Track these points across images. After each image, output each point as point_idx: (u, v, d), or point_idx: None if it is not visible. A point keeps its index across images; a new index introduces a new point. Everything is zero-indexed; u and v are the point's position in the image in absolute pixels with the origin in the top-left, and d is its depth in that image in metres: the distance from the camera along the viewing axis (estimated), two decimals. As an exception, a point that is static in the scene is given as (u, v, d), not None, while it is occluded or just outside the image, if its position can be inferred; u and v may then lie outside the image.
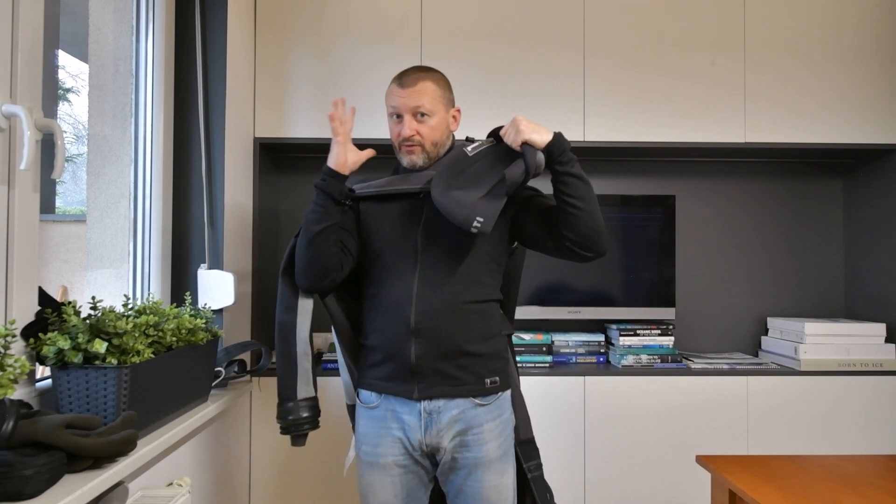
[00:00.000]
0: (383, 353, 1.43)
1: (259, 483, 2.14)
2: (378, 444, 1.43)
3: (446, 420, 1.40)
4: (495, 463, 1.41)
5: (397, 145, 1.49)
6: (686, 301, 2.64)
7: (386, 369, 1.43)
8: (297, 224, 2.56)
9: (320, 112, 2.28)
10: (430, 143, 1.47)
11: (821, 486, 1.43)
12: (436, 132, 1.47)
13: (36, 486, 0.91)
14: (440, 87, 1.49)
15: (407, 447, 1.42)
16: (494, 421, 1.43)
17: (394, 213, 1.48)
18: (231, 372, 1.85)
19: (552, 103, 2.32)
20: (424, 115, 1.45)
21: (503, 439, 1.44)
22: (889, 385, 2.23)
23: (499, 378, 1.45)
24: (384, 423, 1.43)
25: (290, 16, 2.29)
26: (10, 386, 0.97)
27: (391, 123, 1.50)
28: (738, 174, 2.68)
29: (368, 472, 1.44)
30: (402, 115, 1.45)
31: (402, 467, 1.42)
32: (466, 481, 1.40)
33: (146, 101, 1.81)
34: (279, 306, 1.52)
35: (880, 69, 2.37)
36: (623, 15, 2.35)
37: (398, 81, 1.48)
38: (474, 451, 1.40)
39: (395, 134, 1.49)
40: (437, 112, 1.47)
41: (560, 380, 2.18)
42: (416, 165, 1.48)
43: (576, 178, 1.37)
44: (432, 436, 1.40)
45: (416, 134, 1.45)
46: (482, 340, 1.43)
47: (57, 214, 3.12)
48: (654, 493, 2.18)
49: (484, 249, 1.45)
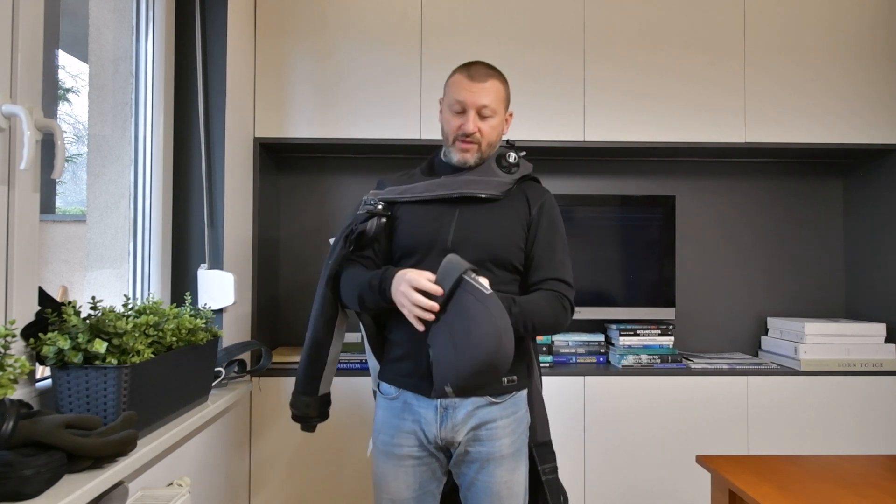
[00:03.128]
0: (404, 350, 1.45)
1: (259, 483, 2.14)
2: (394, 435, 1.45)
3: (462, 416, 1.41)
4: (507, 459, 1.42)
5: (451, 138, 1.47)
6: (686, 301, 2.64)
7: (406, 366, 1.45)
8: (297, 224, 2.58)
9: (320, 112, 2.28)
10: (486, 142, 1.47)
11: (821, 486, 1.42)
12: (494, 132, 1.47)
13: (36, 486, 0.91)
14: (505, 88, 1.49)
15: (422, 440, 1.43)
16: (508, 418, 1.43)
17: (427, 214, 1.48)
18: (231, 372, 1.85)
19: (552, 103, 2.32)
20: (488, 114, 1.44)
21: (516, 436, 1.45)
22: (889, 385, 2.23)
23: (516, 377, 1.46)
24: (401, 416, 1.45)
25: (290, 15, 2.29)
26: (10, 386, 0.97)
27: (449, 115, 1.47)
28: (737, 174, 2.68)
29: (384, 462, 1.46)
30: (468, 110, 1.43)
31: (417, 459, 1.44)
32: (478, 475, 1.41)
33: (146, 101, 1.81)
34: (318, 315, 1.53)
35: (880, 69, 2.37)
36: (623, 15, 2.35)
37: (467, 74, 1.45)
38: (487, 446, 1.41)
39: (453, 126, 1.46)
40: (499, 113, 1.47)
41: (560, 380, 2.18)
42: (468, 163, 1.48)
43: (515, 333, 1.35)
44: (447, 430, 1.42)
45: (477, 131, 1.44)
46: None
47: (57, 214, 3.12)
48: (654, 492, 2.18)
49: (511, 256, 1.46)
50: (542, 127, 2.32)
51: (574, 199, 2.46)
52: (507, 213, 1.48)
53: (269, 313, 2.44)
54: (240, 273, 2.08)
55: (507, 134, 2.29)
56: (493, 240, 1.44)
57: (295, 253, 2.57)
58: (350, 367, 2.20)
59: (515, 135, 2.30)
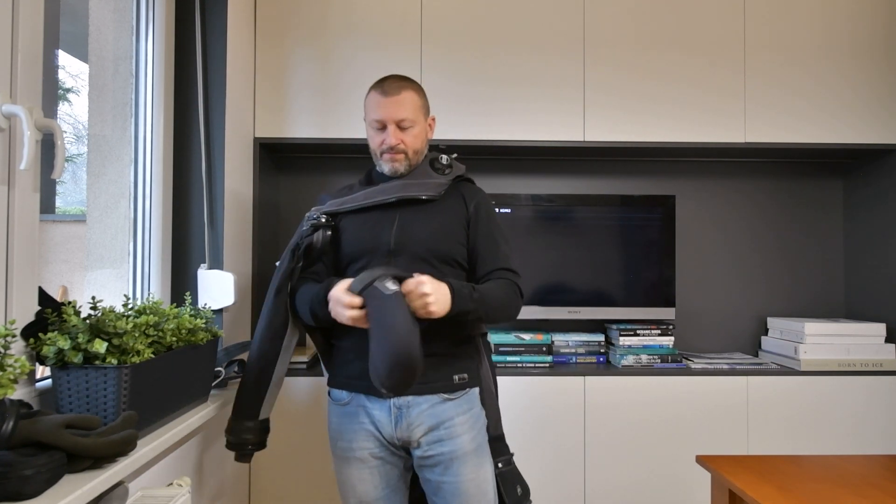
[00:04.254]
0: (354, 353, 1.47)
1: (259, 483, 2.14)
2: (352, 440, 1.46)
3: (416, 414, 1.42)
4: (471, 456, 1.43)
5: (378, 153, 1.53)
6: (686, 301, 2.64)
7: (357, 368, 1.46)
8: (297, 224, 2.58)
9: (320, 112, 2.28)
10: (412, 151, 1.52)
11: (821, 486, 1.43)
12: (417, 140, 1.53)
13: (36, 486, 0.91)
14: (420, 96, 1.55)
15: (380, 439, 1.45)
16: (465, 415, 1.45)
17: (369, 220, 1.52)
18: (231, 372, 1.85)
19: (552, 103, 2.32)
20: (407, 125, 1.50)
21: (476, 432, 1.46)
22: (889, 385, 2.23)
23: (467, 375, 1.48)
24: (356, 419, 1.46)
25: (290, 16, 2.29)
26: (10, 386, 0.97)
27: (371, 132, 1.54)
28: (737, 174, 2.68)
29: (346, 467, 1.47)
30: (387, 125, 1.50)
31: (379, 459, 1.45)
32: (444, 477, 1.42)
33: (146, 101, 1.81)
34: (265, 328, 1.53)
35: (880, 69, 2.37)
36: (623, 15, 2.35)
37: (381, 91, 1.51)
38: (448, 445, 1.41)
39: (377, 142, 1.52)
40: (419, 121, 1.53)
41: (560, 380, 2.17)
42: (399, 172, 1.53)
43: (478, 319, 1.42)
44: (403, 430, 1.43)
45: (401, 143, 1.50)
46: (452, 343, 1.47)
47: (57, 214, 3.12)
48: (654, 492, 2.18)
49: (453, 252, 1.50)
50: (542, 127, 2.32)
51: (574, 199, 2.46)
52: (445, 211, 1.52)
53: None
54: (240, 273, 2.08)
55: (516, 134, 2.30)
56: (435, 237, 1.48)
57: (295, 253, 2.57)
58: (350, 367, 2.20)
59: (516, 135, 2.30)
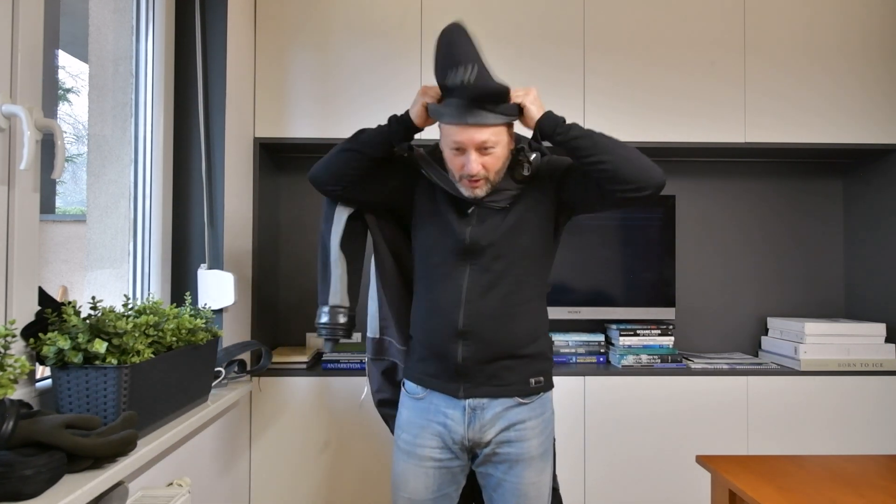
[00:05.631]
0: (430, 351, 1.45)
1: (259, 483, 2.14)
2: (418, 435, 1.44)
3: (489, 416, 1.41)
4: (536, 460, 1.42)
5: (457, 175, 1.39)
6: (686, 301, 2.64)
7: (432, 366, 1.45)
8: (297, 224, 2.58)
9: (320, 112, 2.28)
10: (494, 173, 1.37)
11: (821, 486, 1.42)
12: (500, 160, 1.37)
13: (36, 486, 0.91)
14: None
15: (447, 441, 1.43)
16: (537, 419, 1.44)
17: (444, 212, 1.45)
18: (231, 372, 1.85)
19: (552, 103, 2.31)
20: (490, 146, 1.34)
21: (544, 437, 1.45)
22: (889, 385, 2.23)
23: (543, 378, 1.46)
24: (427, 416, 1.44)
25: (290, 16, 2.29)
26: (10, 386, 0.97)
27: (448, 152, 1.38)
28: (737, 174, 2.68)
29: (405, 460, 1.46)
30: (468, 150, 1.34)
31: (438, 462, 1.43)
32: (507, 476, 1.41)
33: (146, 101, 1.81)
34: (322, 219, 1.58)
35: (880, 69, 2.37)
36: (623, 15, 2.35)
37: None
38: (516, 447, 1.41)
39: (456, 166, 1.37)
40: (501, 140, 1.36)
41: (560, 380, 2.17)
42: (479, 197, 1.40)
43: (582, 139, 1.31)
44: (475, 431, 1.41)
45: (482, 168, 1.35)
46: (529, 342, 1.43)
47: (57, 214, 3.12)
48: (655, 492, 2.18)
49: (533, 247, 1.44)
50: (542, 127, 2.32)
51: (574, 199, 2.46)
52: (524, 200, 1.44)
53: (269, 313, 2.44)
54: (240, 273, 2.08)
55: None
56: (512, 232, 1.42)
57: (295, 253, 2.57)
58: (350, 367, 2.20)
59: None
